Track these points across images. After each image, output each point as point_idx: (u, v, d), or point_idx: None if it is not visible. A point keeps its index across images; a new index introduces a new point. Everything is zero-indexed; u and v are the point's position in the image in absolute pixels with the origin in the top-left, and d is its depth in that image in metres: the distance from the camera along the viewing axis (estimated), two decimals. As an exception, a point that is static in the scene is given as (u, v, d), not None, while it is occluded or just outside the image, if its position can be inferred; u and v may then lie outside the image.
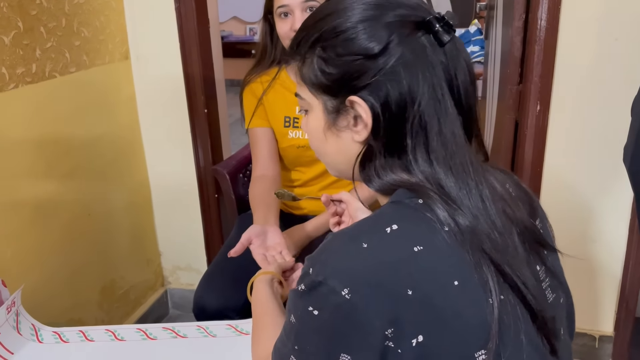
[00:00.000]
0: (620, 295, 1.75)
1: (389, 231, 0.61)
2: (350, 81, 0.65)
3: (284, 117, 1.46)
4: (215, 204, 2.01)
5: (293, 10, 1.30)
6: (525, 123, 1.66)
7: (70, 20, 1.57)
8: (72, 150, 1.63)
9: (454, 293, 0.59)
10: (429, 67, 0.63)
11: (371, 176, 0.68)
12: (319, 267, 0.61)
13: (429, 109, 0.63)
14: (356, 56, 0.64)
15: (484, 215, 0.63)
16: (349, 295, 0.58)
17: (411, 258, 0.59)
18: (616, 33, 1.53)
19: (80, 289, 1.69)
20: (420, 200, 0.63)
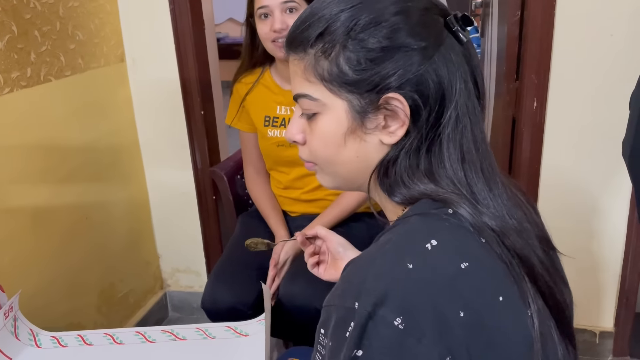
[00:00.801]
0: (620, 291, 1.75)
1: (430, 248, 0.55)
2: (388, 77, 0.58)
3: (264, 116, 1.50)
4: (213, 206, 2.00)
5: (273, 11, 1.33)
6: (522, 120, 1.65)
7: (65, 23, 1.56)
8: (69, 154, 1.62)
9: (500, 310, 0.55)
10: (462, 64, 0.60)
11: (395, 185, 0.62)
12: (365, 298, 0.53)
13: (463, 108, 0.60)
14: (402, 48, 0.58)
15: (513, 219, 0.60)
16: (403, 325, 0.51)
17: (460, 276, 0.54)
18: (611, 28, 1.53)
19: (78, 293, 1.69)
20: (450, 210, 0.59)
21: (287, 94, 1.47)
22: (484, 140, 0.62)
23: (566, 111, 1.63)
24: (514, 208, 0.62)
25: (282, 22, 1.33)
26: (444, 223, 0.58)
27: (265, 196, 1.57)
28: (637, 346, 1.80)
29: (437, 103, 0.59)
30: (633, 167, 1.18)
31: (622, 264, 1.72)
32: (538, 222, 0.66)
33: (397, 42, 0.58)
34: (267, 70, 1.51)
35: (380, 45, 0.58)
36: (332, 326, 0.55)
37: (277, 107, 1.49)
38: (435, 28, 0.60)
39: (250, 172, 1.62)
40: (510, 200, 0.63)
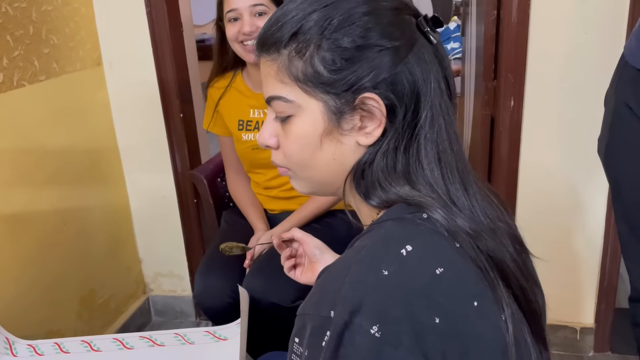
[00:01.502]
0: (599, 287, 1.76)
1: (405, 254, 0.54)
2: (363, 77, 0.58)
3: (238, 120, 1.51)
4: (194, 209, 1.99)
5: (242, 14, 1.34)
6: (500, 119, 1.66)
7: (38, 27, 1.54)
8: (45, 159, 1.60)
9: (475, 315, 0.55)
10: (434, 64, 0.60)
11: (371, 188, 0.61)
12: (340, 307, 0.52)
13: (437, 108, 0.59)
14: (376, 47, 0.57)
15: (487, 219, 0.60)
16: (379, 333, 0.51)
17: (435, 282, 0.54)
18: (585, 27, 1.54)
19: (58, 299, 1.67)
20: (425, 214, 0.58)
21: (260, 97, 1.47)
22: (457, 140, 0.62)
23: (543, 109, 1.64)
24: (489, 207, 0.62)
25: (251, 24, 1.33)
26: (419, 228, 0.57)
27: (244, 195, 1.59)
28: (618, 341, 1.81)
29: (413, 102, 0.59)
30: (608, 164, 1.20)
31: (601, 260, 1.73)
32: (511, 224, 0.66)
33: (371, 41, 0.58)
34: (239, 74, 1.51)
35: (354, 45, 0.58)
36: (308, 335, 0.54)
37: (250, 111, 1.49)
38: (408, 28, 0.60)
39: (230, 174, 1.63)
40: (485, 200, 0.63)
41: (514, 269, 0.60)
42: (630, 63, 1.07)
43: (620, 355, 1.80)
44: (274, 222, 1.57)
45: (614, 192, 1.20)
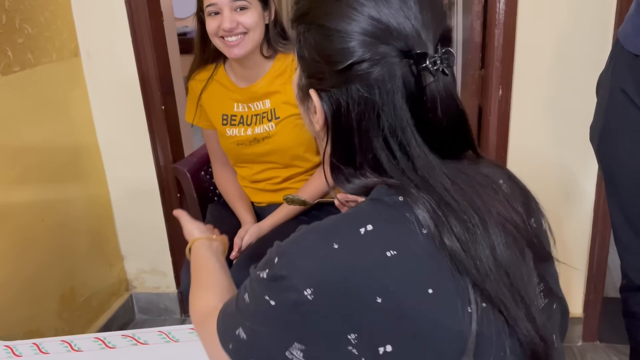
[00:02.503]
0: (588, 277, 1.76)
1: (363, 232, 0.56)
2: (313, 77, 0.62)
3: (222, 115, 1.47)
4: (178, 204, 1.95)
5: (222, 8, 1.29)
6: (489, 108, 1.65)
7: (12, 16, 1.48)
8: (21, 153, 1.55)
9: (428, 302, 0.55)
10: (394, 101, 0.57)
11: (339, 180, 0.64)
12: (285, 260, 0.58)
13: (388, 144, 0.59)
14: (321, 58, 0.60)
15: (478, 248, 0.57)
16: (312, 297, 0.56)
17: (383, 264, 0.55)
18: (574, 14, 1.53)
19: (36, 298, 1.62)
20: (401, 197, 0.58)
21: (243, 92, 1.43)
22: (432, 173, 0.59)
23: (532, 98, 1.62)
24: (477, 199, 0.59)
25: (231, 20, 1.28)
26: (390, 210, 0.58)
27: (231, 187, 1.56)
28: (606, 331, 1.82)
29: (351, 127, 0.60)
30: (602, 151, 1.18)
31: (590, 250, 1.73)
32: (516, 221, 0.62)
33: (323, 52, 0.60)
34: (221, 67, 1.46)
35: (312, 46, 0.61)
36: (261, 262, 0.62)
37: (235, 105, 1.45)
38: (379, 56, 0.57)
39: (217, 167, 1.60)
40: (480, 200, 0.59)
41: (486, 270, 0.57)
42: (626, 48, 1.05)
43: (609, 345, 1.81)
44: (262, 214, 1.54)
45: (607, 180, 1.19)
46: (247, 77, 1.42)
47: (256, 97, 1.42)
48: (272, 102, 1.41)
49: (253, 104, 1.43)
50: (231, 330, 0.64)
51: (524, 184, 0.69)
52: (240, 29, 1.29)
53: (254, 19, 1.30)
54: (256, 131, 1.42)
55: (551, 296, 0.66)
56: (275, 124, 1.40)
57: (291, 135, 1.40)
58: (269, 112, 1.41)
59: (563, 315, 0.71)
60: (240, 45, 1.31)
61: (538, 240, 0.65)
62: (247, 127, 1.43)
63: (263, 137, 1.42)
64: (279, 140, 1.41)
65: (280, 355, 0.59)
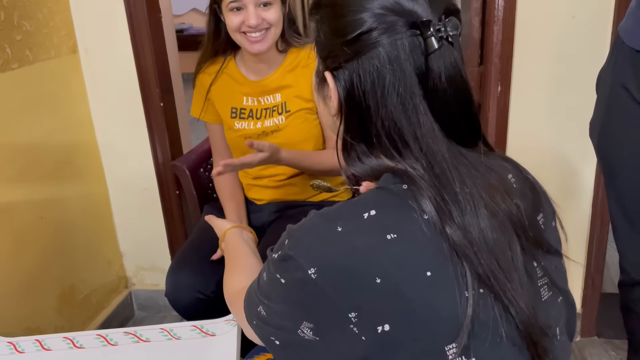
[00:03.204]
0: (586, 272, 1.77)
1: (366, 217, 0.60)
2: (327, 56, 0.65)
3: (231, 108, 1.46)
4: (176, 201, 1.95)
5: (246, 5, 1.28)
6: (487, 105, 1.65)
7: (10, 13, 1.48)
8: (20, 151, 1.54)
9: (426, 284, 0.57)
10: (402, 71, 0.60)
11: (352, 159, 0.66)
12: (293, 241, 0.63)
13: (396, 115, 0.61)
14: (334, 34, 0.63)
15: (476, 232, 0.59)
16: (315, 276, 0.59)
17: (383, 246, 0.58)
18: (573, 10, 1.53)
19: (36, 296, 1.62)
20: (405, 185, 0.61)
21: (254, 85, 1.42)
22: (435, 142, 0.61)
23: (531, 95, 1.63)
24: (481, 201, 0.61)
25: (257, 17, 1.27)
26: (394, 197, 0.61)
27: (227, 186, 1.54)
28: (604, 326, 1.83)
29: (363, 99, 0.62)
30: (602, 147, 1.19)
31: (587, 246, 1.74)
32: (520, 215, 0.63)
33: (334, 28, 0.63)
34: (232, 60, 1.45)
35: (324, 26, 0.65)
36: (277, 244, 0.66)
37: (244, 99, 1.44)
38: (388, 25, 0.60)
39: (218, 163, 1.58)
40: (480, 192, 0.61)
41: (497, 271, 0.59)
42: (627, 43, 1.05)
43: (607, 340, 1.82)
44: (260, 212, 1.54)
45: (607, 176, 1.19)
46: (259, 70, 1.41)
47: (267, 91, 1.41)
48: (282, 95, 1.40)
49: (263, 98, 1.42)
50: (254, 308, 0.69)
51: (536, 182, 0.70)
52: (264, 24, 1.29)
53: (277, 15, 1.30)
54: (266, 124, 1.41)
55: (555, 289, 0.67)
56: (286, 117, 1.40)
57: (301, 129, 1.40)
58: (280, 106, 1.41)
59: (569, 309, 0.71)
60: (263, 41, 1.31)
61: (537, 232, 0.65)
62: (257, 120, 1.42)
63: (272, 131, 1.41)
64: (288, 134, 1.40)
65: (293, 332, 0.63)
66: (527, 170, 0.71)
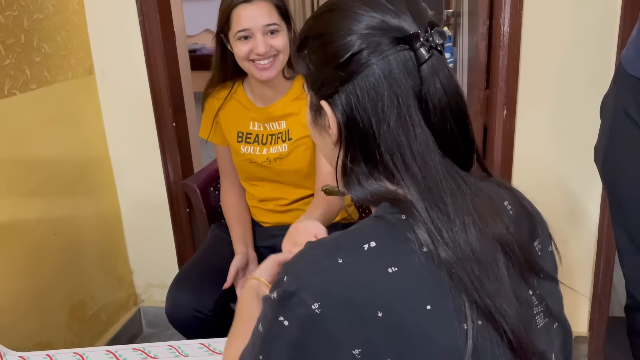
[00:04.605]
0: (593, 296, 1.77)
1: (367, 248, 0.59)
2: (322, 85, 0.65)
3: (237, 132, 1.48)
4: (186, 219, 1.97)
5: (254, 33, 1.31)
6: (494, 128, 1.67)
7: (30, 36, 1.53)
8: (36, 168, 1.58)
9: (426, 317, 0.57)
10: (396, 85, 0.61)
11: (351, 182, 0.66)
12: (293, 277, 0.61)
13: (397, 130, 0.61)
14: (326, 61, 0.64)
15: (465, 245, 0.59)
16: (319, 310, 0.58)
17: (384, 279, 0.58)
18: (577, 37, 1.55)
19: (47, 311, 1.64)
20: (403, 216, 0.61)
21: (260, 111, 1.45)
22: (425, 162, 0.61)
23: (536, 119, 1.65)
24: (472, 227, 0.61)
25: (265, 45, 1.30)
26: (391, 228, 0.61)
27: (232, 208, 1.56)
28: (611, 350, 1.81)
29: (362, 119, 0.63)
30: (606, 172, 1.20)
31: (594, 269, 1.74)
32: (515, 242, 0.63)
33: (325, 54, 0.64)
34: (240, 86, 1.48)
35: (316, 55, 0.66)
36: (273, 284, 0.64)
37: (251, 123, 1.46)
38: (376, 44, 0.61)
39: (225, 184, 1.61)
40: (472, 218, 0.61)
41: (492, 295, 0.59)
42: (628, 71, 1.07)
43: (614, 364, 1.81)
44: (265, 234, 1.55)
45: (612, 200, 1.20)
46: (266, 97, 1.44)
47: (273, 118, 1.44)
48: (287, 123, 1.43)
49: (269, 124, 1.45)
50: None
51: (533, 208, 0.70)
52: (272, 51, 1.31)
53: (284, 41, 1.33)
54: (271, 151, 1.44)
55: (551, 316, 0.67)
56: (288, 145, 1.42)
57: (303, 157, 1.42)
58: (284, 133, 1.43)
59: (565, 337, 0.71)
60: (272, 68, 1.33)
61: (531, 259, 0.65)
62: (263, 146, 1.45)
63: (275, 158, 1.44)
64: (291, 162, 1.43)
65: None
66: (525, 197, 0.71)
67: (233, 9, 1.31)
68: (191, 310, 1.36)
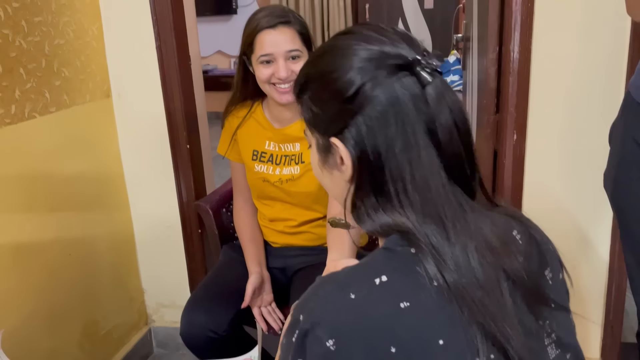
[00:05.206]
0: (605, 321, 1.75)
1: (378, 283, 0.60)
2: (330, 123, 0.66)
3: (253, 150, 1.52)
4: (198, 240, 1.99)
5: (277, 58, 1.34)
6: (504, 152, 1.68)
7: (51, 60, 1.58)
8: (53, 189, 1.61)
9: (438, 352, 0.58)
10: (403, 111, 0.63)
11: (362, 215, 0.67)
12: (307, 314, 0.61)
13: (402, 156, 0.63)
14: (332, 99, 0.65)
15: (466, 269, 0.60)
16: (334, 347, 0.58)
17: (397, 315, 0.58)
18: (586, 64, 1.57)
19: (60, 330, 1.66)
20: (413, 249, 0.62)
21: (277, 132, 1.48)
22: (430, 188, 0.62)
23: (546, 143, 1.66)
24: (476, 257, 0.61)
25: (286, 69, 1.33)
26: (402, 261, 0.62)
27: (246, 227, 1.58)
28: (624, 376, 1.79)
29: (373, 150, 0.64)
30: (615, 198, 1.21)
31: (606, 294, 1.73)
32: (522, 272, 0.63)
33: (330, 92, 0.66)
34: (259, 106, 1.52)
35: (320, 94, 0.68)
36: (287, 327, 0.64)
37: (266, 143, 1.50)
38: (378, 74, 0.63)
39: (238, 201, 1.63)
40: (476, 249, 0.61)
41: (500, 325, 0.59)
42: (637, 100, 1.09)
43: (627, 391, 1.78)
44: (276, 255, 1.57)
45: (622, 227, 1.21)
46: (283, 119, 1.47)
47: (288, 139, 1.47)
48: (301, 146, 1.46)
49: (284, 145, 1.48)
50: None
51: (543, 236, 0.71)
52: (293, 76, 1.34)
53: None
54: (283, 172, 1.47)
55: (563, 347, 0.67)
56: (301, 167, 1.45)
57: (314, 180, 1.44)
58: (297, 156, 1.46)
59: None
60: (291, 92, 1.34)
61: (541, 289, 0.66)
62: (276, 166, 1.48)
63: (287, 179, 1.47)
64: (302, 184, 1.45)
65: None
66: (535, 225, 0.71)
67: (257, 33, 1.34)
68: (206, 330, 1.38)
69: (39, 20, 1.53)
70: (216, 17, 5.99)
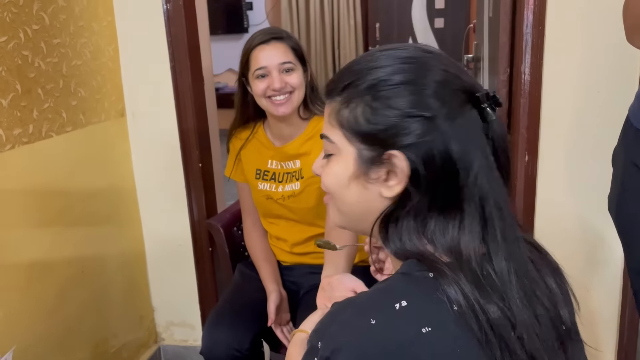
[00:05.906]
0: (618, 346, 1.73)
1: (398, 308, 0.59)
2: (394, 136, 0.63)
3: (256, 169, 1.56)
4: (209, 258, 2.00)
5: (270, 71, 1.40)
6: (515, 173, 1.68)
7: (68, 81, 1.61)
8: (67, 208, 1.63)
9: None
10: (481, 139, 0.64)
11: (392, 236, 0.65)
12: (327, 340, 0.60)
13: (483, 181, 0.63)
14: (409, 114, 0.63)
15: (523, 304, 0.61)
16: None
17: (418, 340, 0.57)
18: (598, 86, 1.58)
19: (71, 348, 1.66)
20: (431, 274, 0.61)
21: (278, 150, 1.52)
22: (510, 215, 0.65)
23: (558, 165, 1.66)
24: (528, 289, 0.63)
25: (280, 81, 1.39)
26: (421, 286, 0.61)
27: (259, 247, 1.60)
28: (639, 401, 1.76)
29: (447, 173, 0.63)
30: (620, 222, 1.21)
31: (620, 319, 1.71)
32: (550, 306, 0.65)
33: (408, 108, 0.63)
34: (260, 126, 1.57)
35: (393, 108, 0.63)
36: (305, 353, 0.63)
37: (269, 161, 1.54)
38: (451, 101, 0.63)
39: (247, 222, 1.66)
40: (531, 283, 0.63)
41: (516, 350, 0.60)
42: (636, 126, 1.09)
43: (643, 417, 1.75)
44: (287, 273, 1.58)
45: (626, 249, 1.21)
46: (283, 136, 1.51)
47: (289, 157, 1.50)
48: (301, 162, 1.49)
49: (285, 163, 1.51)
50: None
51: (555, 263, 0.72)
52: (288, 88, 1.40)
53: (299, 79, 1.41)
54: (285, 189, 1.50)
55: None
56: (301, 183, 1.48)
57: (315, 195, 1.47)
58: (298, 172, 1.50)
59: None
60: (287, 104, 1.41)
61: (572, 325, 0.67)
62: (279, 184, 1.51)
63: (289, 196, 1.49)
64: (303, 200, 1.48)
65: None
66: (547, 251, 0.72)
67: (252, 50, 1.42)
68: (230, 349, 1.39)
69: (58, 42, 1.56)
70: (228, 35, 6.07)
